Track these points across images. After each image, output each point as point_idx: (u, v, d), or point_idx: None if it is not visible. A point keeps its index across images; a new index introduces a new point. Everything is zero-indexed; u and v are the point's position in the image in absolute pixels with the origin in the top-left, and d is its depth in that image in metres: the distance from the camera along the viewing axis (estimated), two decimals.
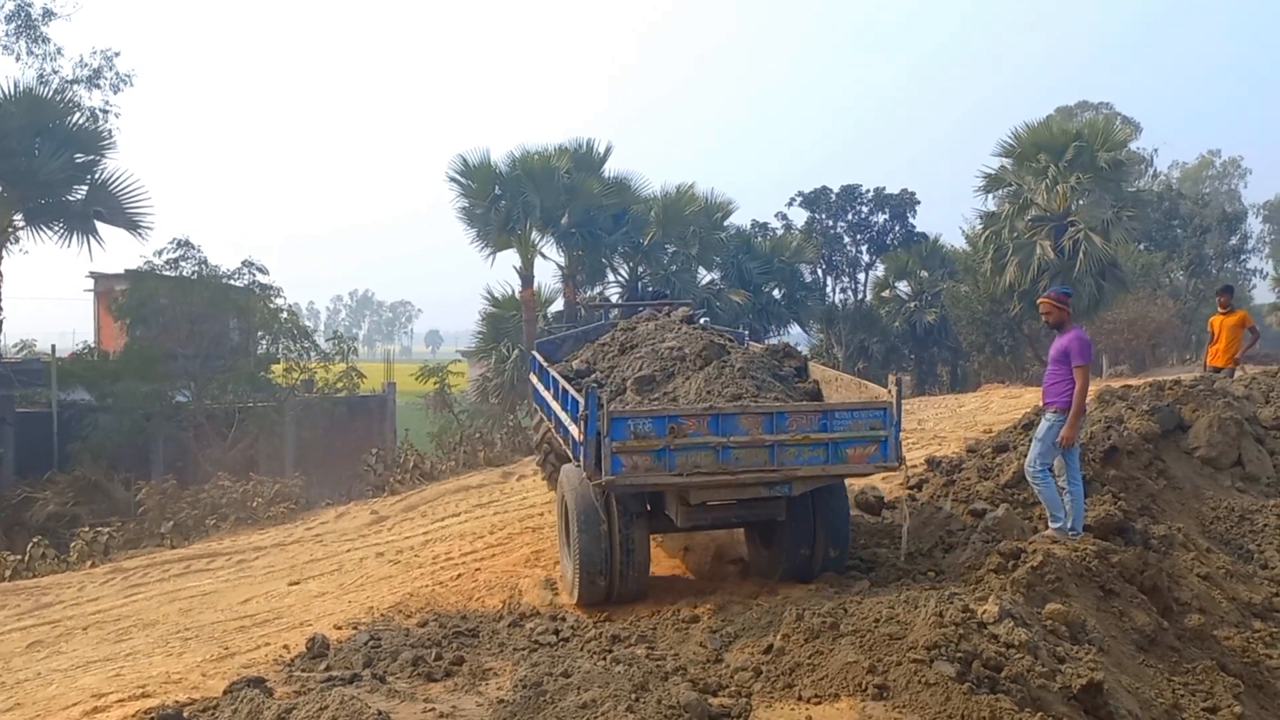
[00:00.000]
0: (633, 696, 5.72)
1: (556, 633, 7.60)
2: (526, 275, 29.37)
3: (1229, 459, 10.66)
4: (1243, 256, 47.54)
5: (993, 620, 5.86)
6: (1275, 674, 7.06)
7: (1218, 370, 13.88)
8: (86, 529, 14.61)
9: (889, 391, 7.75)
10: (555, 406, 8.66)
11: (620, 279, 32.09)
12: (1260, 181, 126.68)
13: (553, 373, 9.08)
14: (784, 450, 7.28)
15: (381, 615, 8.48)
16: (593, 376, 8.84)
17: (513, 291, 29.52)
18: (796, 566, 8.11)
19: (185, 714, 6.04)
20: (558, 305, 30.44)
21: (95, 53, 23.79)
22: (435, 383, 27.80)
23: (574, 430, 7.51)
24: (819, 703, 5.50)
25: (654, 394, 8.35)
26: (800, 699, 5.59)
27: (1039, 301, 8.70)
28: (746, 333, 12.25)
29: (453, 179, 29.09)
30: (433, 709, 5.73)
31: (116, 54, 23.88)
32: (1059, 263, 28.99)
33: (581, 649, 7.10)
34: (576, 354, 9.91)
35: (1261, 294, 55.12)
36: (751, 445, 7.21)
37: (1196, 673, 6.52)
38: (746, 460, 7.25)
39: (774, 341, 11.74)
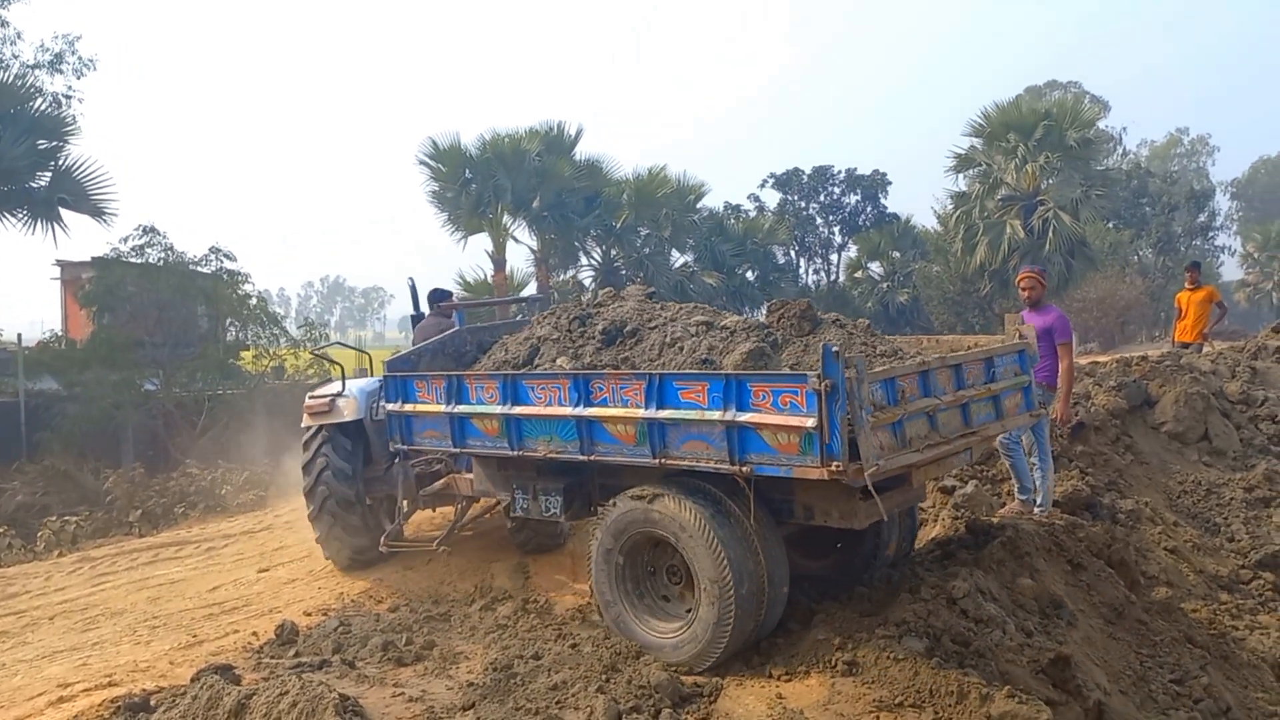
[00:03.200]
0: (603, 677, 5.73)
1: (527, 615, 7.59)
2: (499, 259, 29.24)
3: (1195, 434, 10.77)
4: (1210, 234, 47.94)
5: (962, 596, 5.90)
6: (1241, 645, 7.14)
7: (1185, 346, 14.01)
8: (54, 518, 14.45)
9: (1017, 335, 7.08)
10: (613, 412, 6.13)
11: (593, 262, 32.03)
12: (1228, 159, 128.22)
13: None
14: (972, 409, 6.19)
15: (352, 601, 8.44)
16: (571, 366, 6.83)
17: (485, 276, 29.37)
18: (869, 567, 7.01)
19: (152, 702, 5.98)
20: (531, 288, 30.33)
21: (57, 37, 23.40)
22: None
23: (775, 419, 5.39)
24: (789, 680, 5.52)
25: None
26: (771, 677, 5.61)
27: (1022, 276, 8.65)
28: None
29: (422, 162, 28.90)
30: (402, 693, 5.71)
31: (78, 38, 23.51)
32: (1029, 242, 29.18)
33: (551, 632, 7.09)
34: (502, 348, 7.69)
35: (1229, 271, 55.68)
36: (951, 406, 6.01)
37: (1164, 645, 6.59)
38: (948, 425, 5.97)
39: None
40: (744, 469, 5.58)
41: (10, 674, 7.48)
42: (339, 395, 9.08)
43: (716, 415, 5.62)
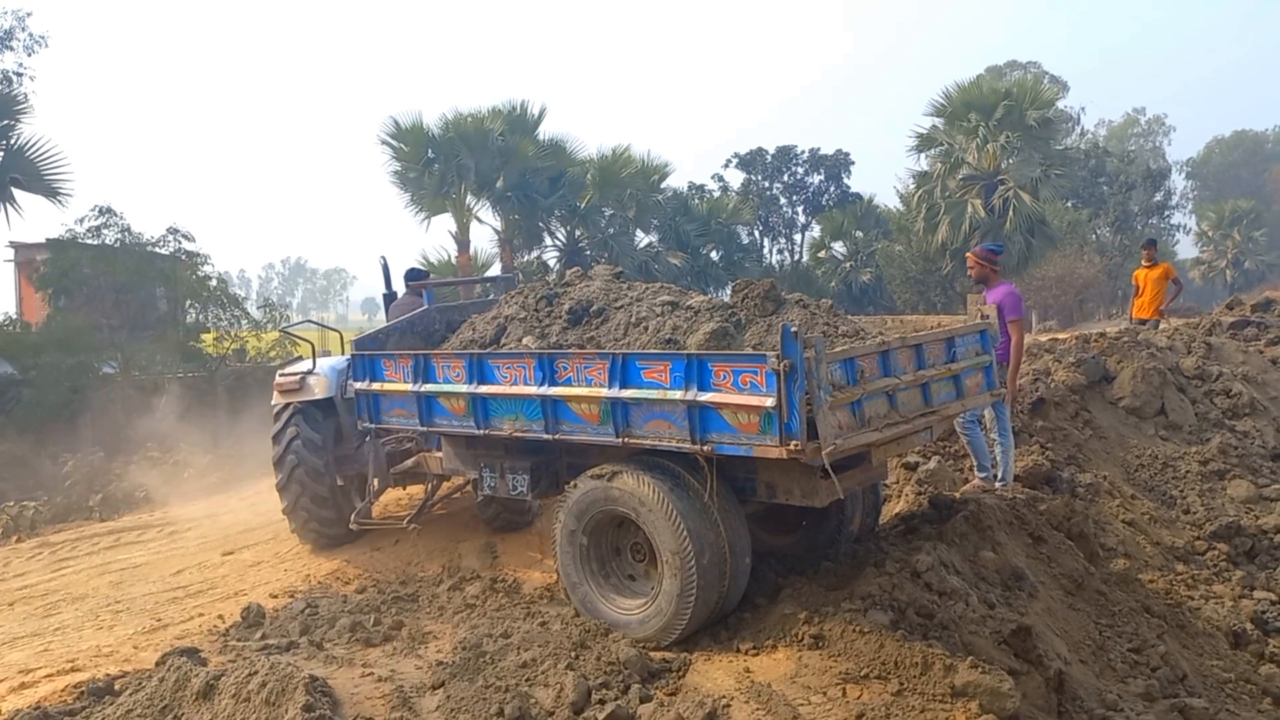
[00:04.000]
0: (573, 654, 5.75)
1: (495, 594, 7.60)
2: (462, 240, 29.10)
3: (1153, 408, 10.94)
4: (1166, 213, 48.61)
5: (926, 569, 5.98)
6: (1197, 615, 7.29)
7: (1143, 322, 14.23)
8: (12, 503, 14.22)
9: (980, 315, 7.11)
10: (590, 391, 6.11)
11: (558, 242, 31.95)
12: (1183, 139, 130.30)
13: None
14: (933, 388, 6.20)
15: (319, 583, 8.40)
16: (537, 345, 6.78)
17: (449, 257, 29.21)
18: (834, 543, 7.09)
19: (116, 686, 5.94)
20: (495, 269, 30.18)
21: (6, 13, 23.00)
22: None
23: (736, 398, 5.44)
24: (757, 654, 5.58)
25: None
26: (739, 651, 5.66)
27: (966, 256, 8.84)
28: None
29: (385, 142, 28.64)
30: (371, 673, 5.70)
31: (29, 14, 23.13)
32: (990, 221, 29.46)
33: (520, 610, 7.10)
34: (470, 327, 7.66)
35: (1185, 249, 56.57)
36: (912, 385, 6.01)
37: (1122, 615, 6.72)
38: (908, 404, 6.00)
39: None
40: (705, 448, 5.64)
41: None
42: (310, 373, 9.06)
43: (678, 395, 5.67)
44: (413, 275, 10.23)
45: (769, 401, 5.25)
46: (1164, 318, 14.64)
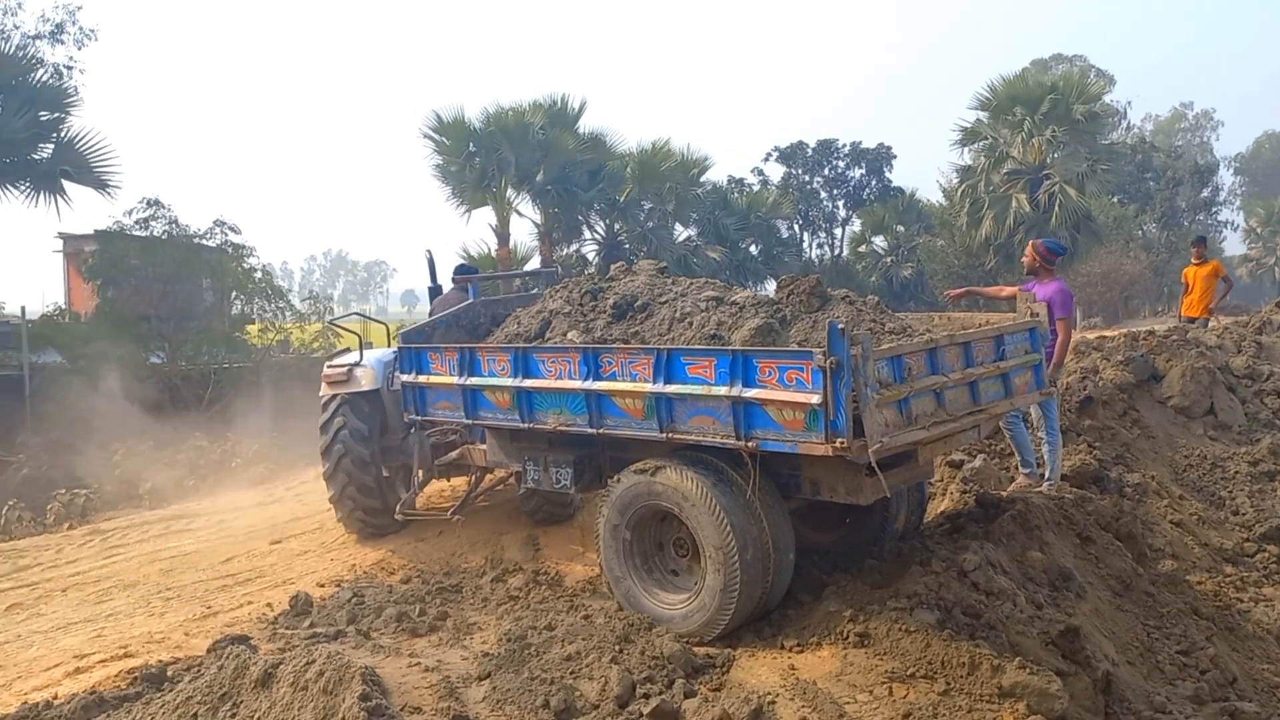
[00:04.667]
0: (617, 648, 5.78)
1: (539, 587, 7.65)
2: (502, 233, 29.21)
3: (1201, 408, 10.80)
4: (1214, 209, 47.82)
5: (973, 568, 5.94)
6: (1246, 617, 7.20)
7: (1192, 320, 14.03)
8: (63, 491, 14.51)
9: (1030, 313, 7.08)
10: (627, 386, 6.13)
11: (597, 236, 32.01)
12: (1232, 134, 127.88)
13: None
14: (980, 386, 6.15)
15: (364, 572, 8.50)
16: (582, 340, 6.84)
17: (489, 250, 29.34)
18: (878, 541, 7.09)
19: (169, 673, 6.05)
20: (534, 262, 30.29)
21: (57, 7, 23.39)
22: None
23: (781, 395, 5.40)
24: (801, 651, 5.58)
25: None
26: (783, 648, 5.66)
27: (1029, 244, 8.77)
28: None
29: (427, 135, 28.81)
30: (418, 663, 5.76)
31: (79, 8, 23.46)
32: (1034, 216, 29.15)
33: (563, 603, 7.14)
34: (515, 321, 7.74)
35: (1232, 246, 55.57)
36: (959, 384, 5.99)
37: (1170, 617, 6.65)
38: (956, 403, 5.95)
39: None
40: (749, 444, 5.62)
41: (26, 645, 7.56)
42: (357, 365, 9.18)
43: (723, 390, 5.65)
44: (461, 271, 10.38)
45: (815, 398, 5.22)
46: (1213, 316, 14.43)
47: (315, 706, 4.29)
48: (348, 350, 9.54)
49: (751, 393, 5.53)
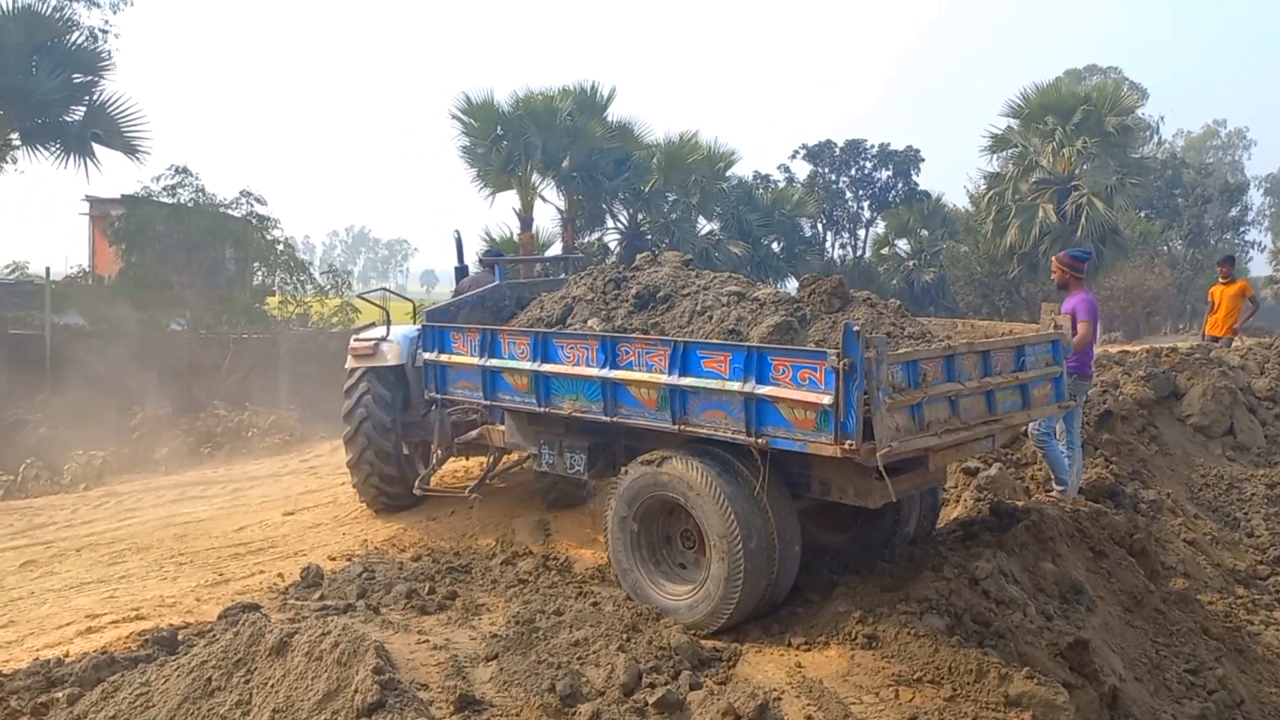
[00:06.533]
0: (624, 636, 5.80)
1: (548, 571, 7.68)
2: (525, 218, 29.18)
3: (1221, 427, 10.75)
4: (1242, 228, 47.35)
5: (984, 576, 5.93)
6: (1257, 640, 7.16)
7: (1215, 340, 13.94)
8: (80, 452, 14.64)
9: (1053, 325, 7.07)
10: (647, 377, 6.12)
11: (620, 225, 31.95)
12: (1264, 154, 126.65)
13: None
14: (997, 396, 6.14)
15: (375, 548, 8.55)
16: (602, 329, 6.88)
17: (511, 234, 29.33)
18: (889, 544, 7.10)
19: (180, 637, 6.11)
20: (556, 249, 30.28)
21: None
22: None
23: (794, 394, 5.42)
24: (809, 650, 5.58)
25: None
26: (790, 646, 5.67)
27: (1051, 260, 8.72)
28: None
29: (455, 116, 28.77)
30: (426, 641, 5.79)
31: None
32: (1061, 227, 28.94)
33: (572, 589, 7.16)
34: (538, 305, 7.81)
35: (1259, 267, 55.12)
36: (976, 392, 5.97)
37: (1180, 635, 6.62)
38: (971, 411, 5.94)
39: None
40: (760, 441, 5.65)
41: (39, 602, 7.64)
42: (384, 340, 9.32)
43: (736, 386, 5.68)
44: (491, 254, 10.53)
45: (826, 399, 5.24)
46: (1238, 336, 14.32)
47: (329, 677, 4.32)
48: (373, 324, 9.65)
49: (764, 390, 5.56)
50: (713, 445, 6.06)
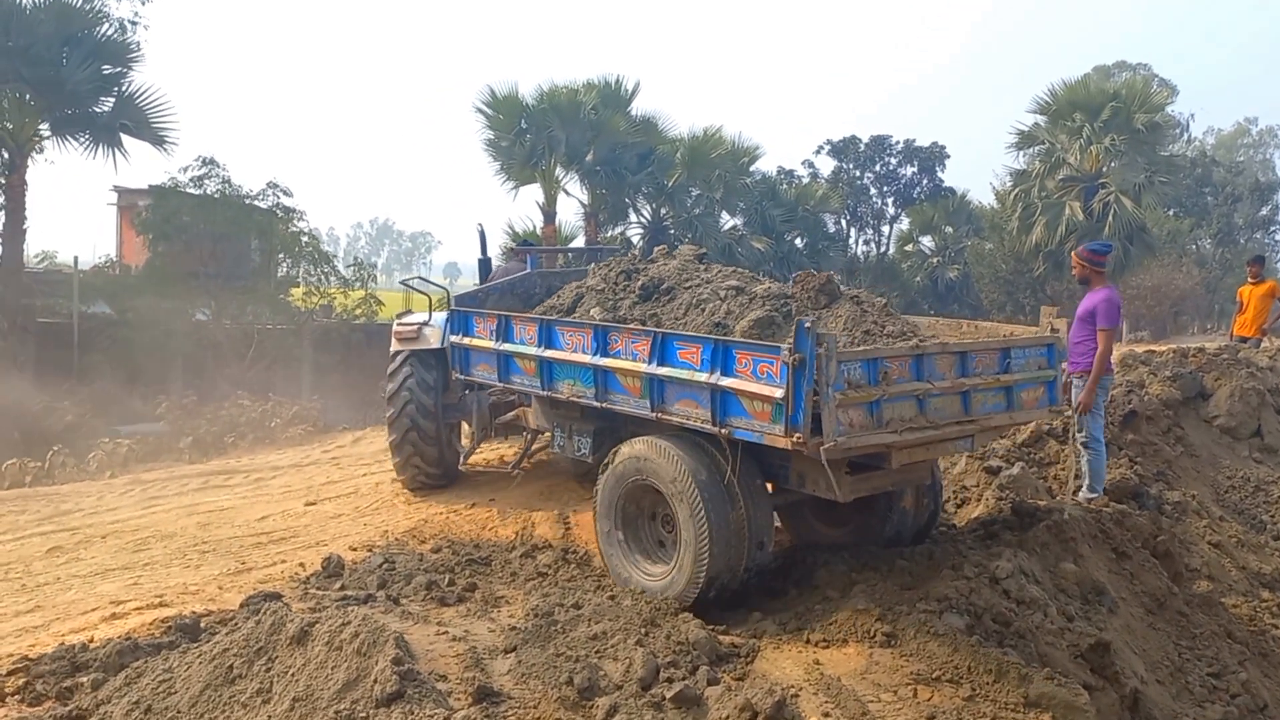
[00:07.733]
0: (643, 631, 5.79)
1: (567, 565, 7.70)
2: (549, 211, 29.22)
3: (1248, 429, 10.62)
4: (1272, 228, 46.80)
5: (1005, 576, 5.90)
6: None
7: (1244, 340, 13.77)
8: (106, 440, 14.79)
9: (1049, 328, 7.10)
10: (634, 364, 6.45)
11: (643, 219, 31.93)
12: None
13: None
14: (974, 397, 6.20)
15: (396, 539, 8.59)
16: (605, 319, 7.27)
17: (534, 227, 29.39)
18: (897, 532, 7.19)
19: (202, 625, 6.16)
20: (579, 243, 30.30)
21: None
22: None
23: (753, 386, 5.67)
24: (827, 647, 5.57)
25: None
26: (809, 643, 5.65)
27: (1073, 256, 8.53)
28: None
29: (479, 110, 28.84)
30: (446, 632, 5.81)
31: None
32: (1088, 224, 28.68)
33: (591, 583, 7.17)
34: (558, 294, 8.21)
35: None
36: (949, 392, 6.04)
37: (1203, 638, 6.57)
38: (942, 411, 6.03)
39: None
40: (724, 431, 5.90)
41: (65, 588, 7.73)
42: (426, 324, 9.66)
43: (704, 377, 5.95)
44: (522, 245, 10.78)
45: (779, 392, 5.46)
46: (1266, 336, 14.15)
47: (349, 666, 4.35)
48: (410, 311, 9.96)
49: (727, 381, 5.83)
50: (693, 435, 6.28)
